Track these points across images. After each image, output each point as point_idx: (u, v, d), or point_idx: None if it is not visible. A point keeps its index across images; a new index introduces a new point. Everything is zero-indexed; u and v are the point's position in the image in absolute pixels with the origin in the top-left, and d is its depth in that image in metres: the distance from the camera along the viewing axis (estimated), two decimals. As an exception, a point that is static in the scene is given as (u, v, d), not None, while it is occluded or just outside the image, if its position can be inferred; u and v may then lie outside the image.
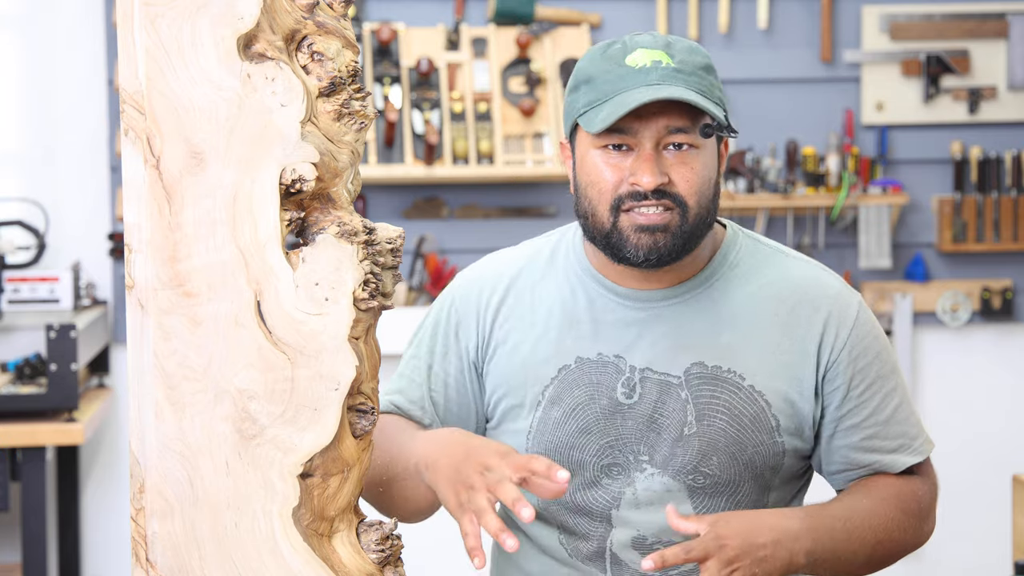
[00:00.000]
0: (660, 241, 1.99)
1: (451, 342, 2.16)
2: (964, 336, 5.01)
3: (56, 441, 4.02)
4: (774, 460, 2.07)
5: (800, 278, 2.10)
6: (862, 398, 2.08)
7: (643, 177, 1.98)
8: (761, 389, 2.05)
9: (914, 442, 2.12)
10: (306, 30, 1.59)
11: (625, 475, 2.07)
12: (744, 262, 2.11)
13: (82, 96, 4.79)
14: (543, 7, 4.86)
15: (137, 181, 1.57)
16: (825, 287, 2.10)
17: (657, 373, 2.06)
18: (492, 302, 2.15)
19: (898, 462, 2.10)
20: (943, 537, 4.95)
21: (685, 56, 2.00)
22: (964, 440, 5.00)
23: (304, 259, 1.58)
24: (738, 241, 2.12)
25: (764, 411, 2.05)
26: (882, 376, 2.10)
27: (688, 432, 2.05)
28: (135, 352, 1.59)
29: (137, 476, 1.60)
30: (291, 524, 1.59)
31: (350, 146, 1.61)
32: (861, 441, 2.09)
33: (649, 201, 1.99)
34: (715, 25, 4.92)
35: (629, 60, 1.99)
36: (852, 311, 2.09)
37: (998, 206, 4.91)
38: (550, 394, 2.09)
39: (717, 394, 2.05)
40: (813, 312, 2.08)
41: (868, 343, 2.09)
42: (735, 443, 2.04)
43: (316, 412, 1.58)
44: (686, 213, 2.00)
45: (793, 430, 2.07)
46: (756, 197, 4.83)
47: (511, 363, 2.12)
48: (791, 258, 2.13)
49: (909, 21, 4.95)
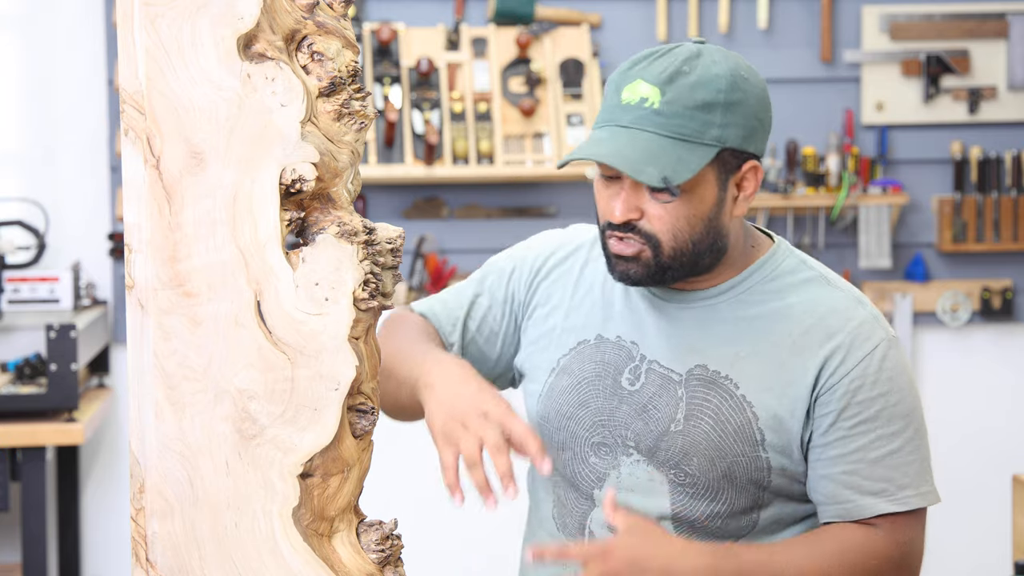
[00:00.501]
0: (631, 270, 2.05)
1: (503, 282, 2.25)
2: (964, 336, 5.01)
3: (56, 441, 4.02)
4: (757, 475, 2.05)
5: (828, 305, 2.08)
6: (853, 431, 2.03)
7: (615, 212, 2.03)
8: (752, 400, 2.05)
9: (899, 492, 2.03)
10: (306, 30, 1.60)
11: (612, 456, 2.10)
12: (778, 279, 2.10)
13: (82, 96, 4.79)
14: (543, 7, 4.86)
15: (137, 181, 1.57)
16: (849, 317, 2.06)
17: (662, 367, 2.09)
18: (546, 262, 2.24)
19: (871, 507, 2.03)
20: (943, 537, 4.96)
21: (682, 93, 1.99)
22: (964, 440, 5.00)
23: (304, 259, 1.58)
24: (779, 257, 2.12)
25: (750, 423, 2.04)
26: (884, 417, 2.04)
27: (674, 429, 2.07)
28: (135, 352, 1.59)
29: (137, 476, 1.60)
30: (291, 524, 1.59)
31: (350, 146, 1.61)
32: (841, 474, 2.03)
33: (619, 232, 2.04)
34: (715, 25, 4.92)
35: (625, 92, 2.02)
36: (871, 344, 2.04)
37: (998, 206, 4.91)
38: (564, 363, 2.16)
39: (709, 398, 2.06)
40: (826, 338, 2.05)
41: (877, 379, 2.04)
42: (715, 448, 2.05)
43: (316, 412, 1.58)
44: (658, 248, 2.03)
45: (780, 448, 2.05)
46: (756, 197, 4.82)
47: (544, 325, 2.20)
48: (831, 286, 2.10)
49: (909, 21, 4.95)
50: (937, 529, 5.03)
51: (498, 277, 2.26)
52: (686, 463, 2.06)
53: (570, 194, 4.90)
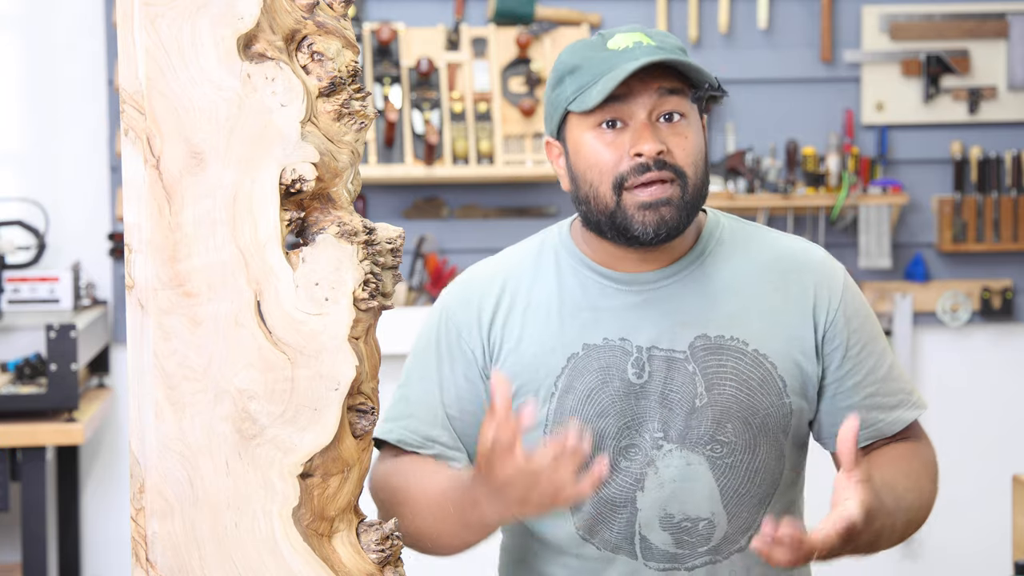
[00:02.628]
0: (666, 215, 2.03)
1: (456, 353, 2.13)
2: (964, 336, 5.01)
3: (56, 441, 4.02)
4: (784, 421, 2.10)
5: (785, 247, 2.16)
6: (859, 357, 2.13)
7: (644, 145, 2.01)
8: (765, 352, 2.08)
9: (911, 396, 2.17)
10: (306, 30, 1.60)
11: (643, 455, 2.08)
12: (730, 239, 2.15)
13: (82, 96, 4.79)
14: (543, 7, 4.86)
15: (137, 181, 1.57)
16: (810, 255, 2.16)
17: (662, 350, 2.09)
18: (488, 305, 2.13)
19: (900, 419, 2.15)
20: (943, 537, 4.96)
21: (662, 38, 2.07)
22: (964, 440, 4.99)
23: (304, 259, 1.58)
24: (720, 222, 2.18)
25: (771, 373, 2.08)
26: (873, 337, 2.15)
27: (700, 403, 2.07)
28: (135, 352, 1.59)
29: (137, 476, 1.60)
30: (291, 524, 1.59)
31: (350, 146, 1.61)
32: (864, 400, 2.13)
33: (651, 174, 2.02)
34: (715, 25, 4.92)
35: (611, 44, 2.05)
36: (839, 277, 2.15)
37: (998, 206, 4.91)
38: (563, 383, 2.10)
39: (724, 362, 2.08)
40: (801, 276, 2.13)
41: (857, 306, 2.14)
42: (747, 408, 2.07)
43: (316, 412, 1.58)
44: (686, 184, 2.05)
45: (798, 390, 2.10)
46: (756, 197, 4.83)
47: (520, 360, 2.11)
48: (774, 233, 2.19)
49: (909, 21, 4.95)
50: (937, 529, 5.05)
51: (448, 351, 2.14)
52: (720, 432, 2.06)
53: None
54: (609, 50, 2.04)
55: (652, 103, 2.03)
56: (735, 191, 4.85)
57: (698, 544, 2.08)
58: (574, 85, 2.05)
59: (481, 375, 2.13)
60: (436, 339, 2.15)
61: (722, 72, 4.92)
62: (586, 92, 2.03)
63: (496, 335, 2.13)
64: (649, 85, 2.02)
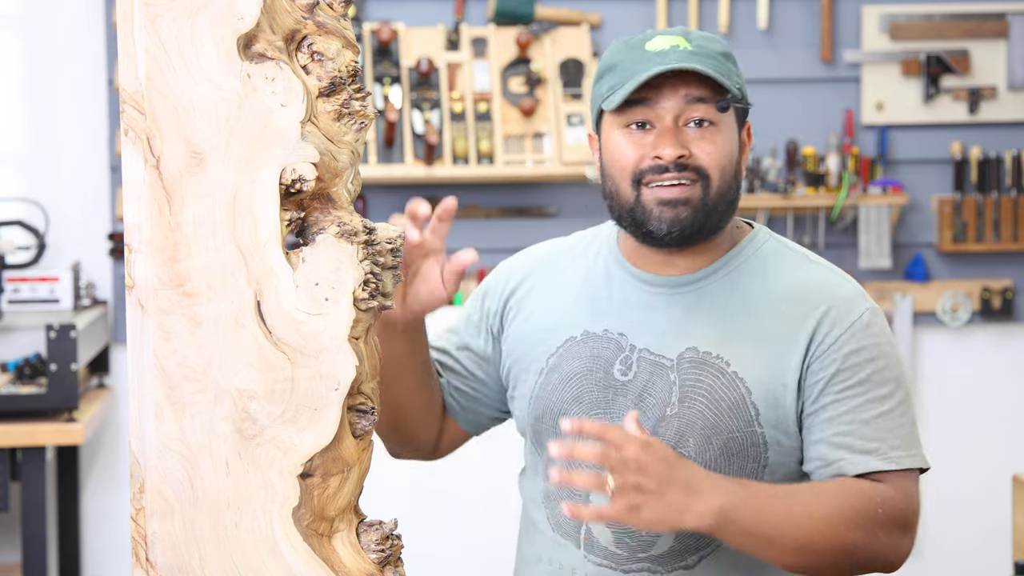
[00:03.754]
0: (683, 214, 2.05)
1: (477, 305, 2.27)
2: (964, 336, 5.01)
3: (56, 441, 4.02)
4: (754, 451, 2.06)
5: (812, 280, 2.11)
6: (843, 394, 2.04)
7: (664, 149, 2.04)
8: (744, 376, 2.06)
9: (891, 451, 2.03)
10: (306, 30, 1.60)
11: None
12: (761, 260, 2.14)
13: (82, 96, 4.79)
14: (543, 7, 4.86)
15: (137, 181, 1.57)
16: (834, 289, 2.10)
17: (653, 355, 2.10)
18: (518, 277, 2.24)
19: (864, 463, 2.02)
20: (943, 537, 4.96)
21: (703, 42, 2.08)
22: (964, 440, 4.99)
23: (304, 259, 1.58)
24: (760, 240, 2.16)
25: (744, 398, 2.06)
26: (874, 381, 2.05)
27: (670, 412, 2.07)
28: (135, 352, 1.59)
29: (137, 476, 1.60)
30: (291, 524, 1.59)
31: (350, 146, 1.61)
32: (834, 436, 2.03)
33: (671, 174, 2.05)
34: (715, 25, 4.92)
35: (649, 46, 2.07)
36: (856, 314, 2.07)
37: (998, 206, 4.91)
38: (553, 362, 2.15)
39: (701, 378, 2.07)
40: (811, 309, 2.08)
41: (866, 345, 2.05)
42: (711, 427, 2.05)
43: (316, 412, 1.58)
44: (708, 186, 2.06)
45: (774, 422, 2.05)
46: (756, 197, 4.83)
47: (524, 330, 2.20)
48: (813, 263, 2.14)
49: (909, 21, 4.95)
50: (937, 529, 5.05)
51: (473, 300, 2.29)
52: (683, 445, 2.06)
53: (570, 194, 4.89)
54: (646, 51, 2.06)
55: (679, 108, 2.06)
56: (735, 191, 4.85)
57: (638, 550, 2.07)
58: (609, 83, 2.08)
59: (488, 331, 2.25)
60: (477, 291, 2.31)
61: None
62: (615, 92, 2.06)
63: (513, 305, 2.23)
64: (677, 90, 2.05)
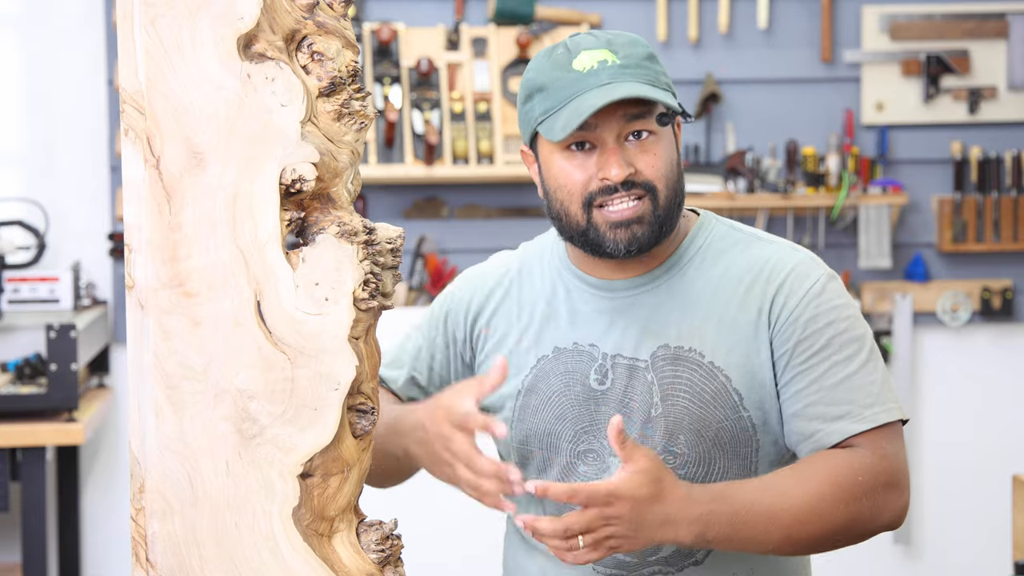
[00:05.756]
0: (638, 232, 2.05)
1: (440, 328, 2.23)
2: (964, 336, 5.01)
3: (56, 441, 4.02)
4: (744, 436, 2.06)
5: (765, 257, 2.11)
6: (807, 364, 2.04)
7: (611, 170, 2.03)
8: (721, 365, 2.06)
9: (864, 411, 2.02)
10: (306, 30, 1.60)
11: (600, 461, 2.09)
12: (713, 246, 2.13)
13: (82, 96, 4.79)
14: (543, 7, 4.86)
15: (137, 181, 1.57)
16: (787, 261, 2.10)
17: (626, 359, 2.10)
18: (480, 298, 2.21)
19: (840, 430, 2.02)
20: (943, 537, 4.96)
21: (628, 50, 2.05)
22: (964, 440, 5.00)
23: (304, 259, 1.58)
24: (709, 227, 2.15)
25: (725, 386, 2.06)
26: (835, 344, 2.05)
27: (655, 413, 2.07)
28: (135, 352, 1.59)
29: (137, 476, 1.60)
30: (291, 524, 1.59)
31: (350, 146, 1.61)
32: (804, 408, 2.04)
33: (620, 194, 2.04)
34: (715, 25, 4.92)
35: (576, 64, 2.04)
36: (810, 281, 2.07)
37: (998, 206, 4.91)
38: (528, 383, 2.14)
39: (679, 373, 2.07)
40: (767, 282, 2.08)
41: (823, 310, 2.05)
42: (698, 420, 2.05)
43: (316, 412, 1.58)
44: (656, 198, 2.05)
45: (757, 403, 2.06)
46: (756, 197, 4.83)
47: (498, 354, 2.16)
48: (764, 241, 2.14)
49: (909, 21, 4.95)
50: (937, 529, 5.05)
51: (433, 326, 2.24)
52: (673, 443, 2.05)
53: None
54: (574, 71, 2.03)
55: (619, 127, 2.03)
56: (735, 191, 4.85)
57: (647, 553, 2.07)
58: (541, 107, 2.05)
59: (459, 357, 2.23)
60: (433, 313, 2.26)
61: (722, 72, 4.92)
62: (552, 118, 2.03)
63: (481, 329, 2.20)
64: (615, 112, 2.02)
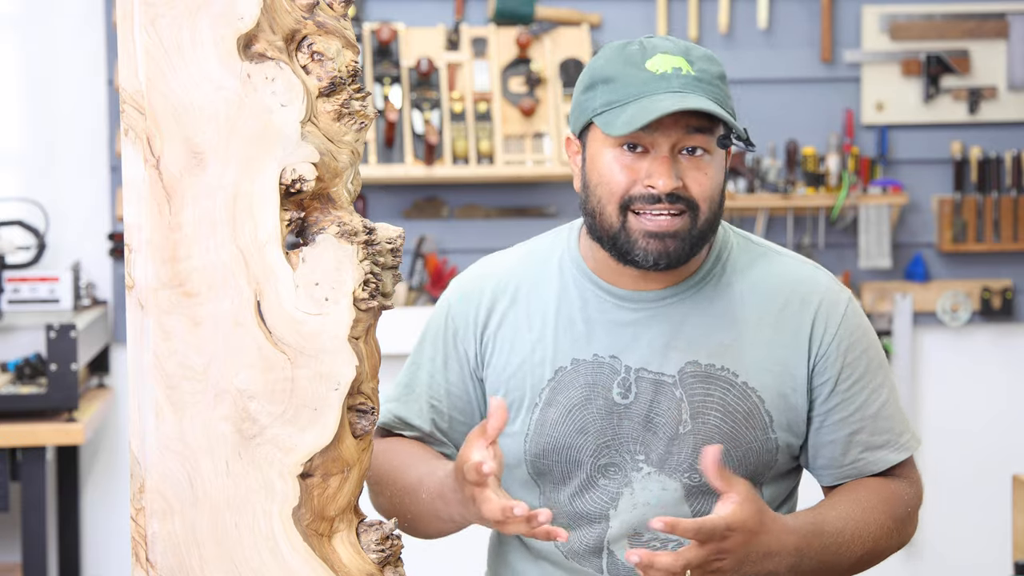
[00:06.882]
0: (671, 247, 2.01)
1: (450, 350, 2.17)
2: (964, 336, 5.01)
3: (56, 441, 4.02)
4: (768, 456, 2.07)
5: (790, 274, 2.11)
6: (850, 392, 2.09)
7: (659, 180, 1.98)
8: (754, 386, 2.06)
9: (900, 438, 2.12)
10: (306, 30, 1.60)
11: (622, 475, 2.08)
12: (736, 260, 2.12)
13: (82, 96, 4.79)
14: (543, 7, 4.86)
15: (137, 181, 1.57)
16: (815, 282, 2.11)
17: (651, 373, 2.07)
18: (485, 308, 2.15)
19: (883, 460, 2.10)
20: (943, 537, 4.96)
21: (704, 65, 2.01)
22: (964, 440, 5.00)
23: (304, 259, 1.58)
24: (729, 240, 2.14)
25: (757, 407, 2.06)
26: (871, 371, 2.10)
27: (683, 431, 2.05)
28: (135, 352, 1.59)
29: (137, 476, 1.60)
30: (291, 524, 1.59)
31: (350, 146, 1.61)
32: (848, 436, 2.09)
33: (661, 205, 1.99)
34: (715, 25, 4.92)
35: (649, 65, 1.99)
36: (841, 306, 2.10)
37: (998, 206, 4.91)
38: (546, 396, 2.10)
39: (711, 392, 2.06)
40: (803, 306, 2.09)
41: (857, 337, 2.10)
42: (729, 440, 2.05)
43: (316, 412, 1.58)
44: (696, 217, 2.01)
45: (786, 425, 2.07)
46: (756, 197, 4.83)
47: (508, 365, 2.13)
48: (782, 255, 2.15)
49: (909, 21, 4.95)
50: (937, 529, 5.04)
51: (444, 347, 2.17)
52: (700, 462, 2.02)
53: (570, 194, 4.89)
54: (647, 70, 1.98)
55: (677, 137, 1.99)
56: (735, 191, 4.85)
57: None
58: (604, 98, 2.00)
59: (472, 375, 2.16)
60: (436, 332, 2.19)
61: (722, 72, 4.92)
62: (613, 112, 1.98)
63: (489, 339, 2.14)
64: (678, 120, 1.98)
